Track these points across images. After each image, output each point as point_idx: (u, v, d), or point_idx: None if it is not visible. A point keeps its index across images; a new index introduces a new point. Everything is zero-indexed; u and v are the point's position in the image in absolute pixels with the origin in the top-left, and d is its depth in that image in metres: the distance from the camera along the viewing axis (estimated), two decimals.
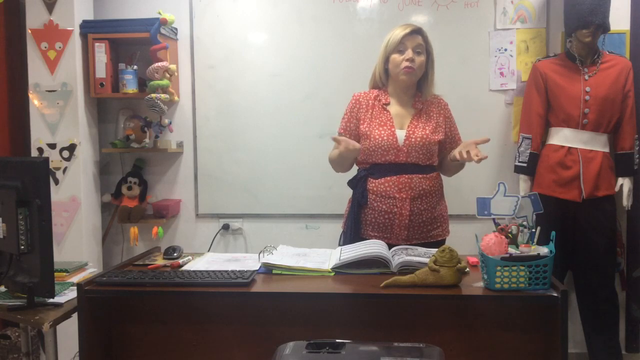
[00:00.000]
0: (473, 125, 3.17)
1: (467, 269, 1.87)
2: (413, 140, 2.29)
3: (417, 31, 2.33)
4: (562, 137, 2.87)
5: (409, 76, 2.32)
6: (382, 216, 2.31)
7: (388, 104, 2.38)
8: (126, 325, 1.92)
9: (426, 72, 2.38)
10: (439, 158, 2.40)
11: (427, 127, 2.33)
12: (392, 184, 2.28)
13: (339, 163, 2.40)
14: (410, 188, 2.28)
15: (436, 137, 2.34)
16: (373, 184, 2.32)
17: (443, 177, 2.47)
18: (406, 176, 2.28)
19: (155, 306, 1.91)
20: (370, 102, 2.39)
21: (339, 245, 2.39)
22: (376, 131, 2.32)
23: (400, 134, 2.31)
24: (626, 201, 2.92)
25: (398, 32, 2.32)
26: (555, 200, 2.81)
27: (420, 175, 2.30)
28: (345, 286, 1.79)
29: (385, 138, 2.30)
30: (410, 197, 2.28)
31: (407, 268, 1.86)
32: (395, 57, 2.32)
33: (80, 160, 3.06)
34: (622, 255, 3.13)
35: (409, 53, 2.30)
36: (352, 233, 2.34)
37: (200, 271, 1.86)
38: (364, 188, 2.34)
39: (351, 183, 2.42)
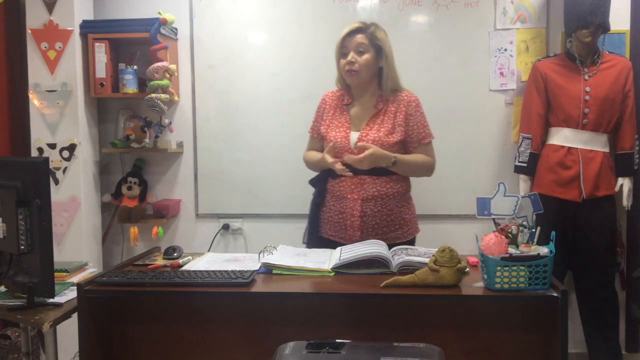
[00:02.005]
0: (473, 125, 3.18)
1: (467, 269, 1.87)
2: (365, 142, 2.24)
3: (357, 30, 2.29)
4: (562, 137, 2.87)
5: (353, 79, 2.30)
6: (336, 216, 2.33)
7: (349, 104, 2.37)
8: (126, 325, 1.92)
9: (382, 68, 2.31)
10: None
11: (382, 129, 2.28)
12: (345, 184, 2.28)
13: (316, 168, 2.44)
14: (362, 189, 2.26)
15: (391, 139, 2.27)
16: (331, 184, 2.34)
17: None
18: (357, 178, 2.26)
19: (155, 306, 1.91)
20: (334, 102, 2.39)
21: (303, 242, 2.43)
22: (332, 133, 2.33)
23: (354, 136, 2.29)
24: (626, 201, 2.92)
25: (340, 36, 2.31)
26: (555, 200, 2.81)
27: (374, 177, 2.26)
28: (345, 286, 1.79)
29: (338, 140, 2.30)
30: (362, 199, 2.26)
31: (407, 268, 1.86)
32: (341, 61, 2.31)
33: (80, 160, 3.05)
34: (622, 255, 3.13)
35: (349, 56, 2.27)
36: (312, 232, 2.37)
37: (200, 271, 1.86)
38: (322, 187, 2.36)
39: (312, 181, 2.44)
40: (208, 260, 2.11)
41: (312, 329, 1.80)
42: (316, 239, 2.36)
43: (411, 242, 2.38)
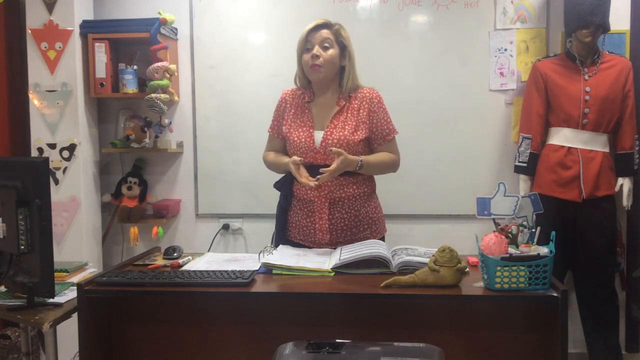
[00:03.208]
0: (473, 125, 3.18)
1: (467, 269, 1.87)
2: (330, 142, 2.19)
3: (323, 25, 2.24)
4: (562, 137, 2.87)
5: (317, 74, 2.22)
6: (304, 220, 2.27)
7: (310, 101, 2.30)
8: (126, 325, 1.92)
9: (345, 67, 2.25)
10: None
11: (346, 127, 2.21)
12: (312, 188, 2.19)
13: (279, 170, 2.37)
14: (328, 192, 2.20)
15: (356, 137, 2.20)
16: (296, 187, 2.28)
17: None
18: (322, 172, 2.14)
19: (155, 306, 1.91)
20: (295, 100, 2.32)
21: (270, 244, 2.32)
22: (295, 132, 2.25)
23: (318, 136, 2.22)
24: (626, 201, 2.92)
25: (304, 30, 2.24)
26: (555, 200, 2.81)
27: (340, 179, 2.20)
28: (345, 286, 1.78)
29: (303, 140, 2.22)
30: (329, 201, 2.21)
31: (407, 268, 1.86)
32: (304, 56, 2.24)
33: (80, 160, 3.05)
34: (622, 255, 3.13)
35: (314, 49, 2.20)
36: (279, 235, 2.31)
37: (200, 271, 1.86)
38: (289, 191, 2.30)
39: (277, 185, 2.38)
40: (208, 260, 2.11)
41: (312, 329, 1.80)
42: (284, 243, 2.29)
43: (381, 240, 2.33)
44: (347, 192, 2.22)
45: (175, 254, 2.15)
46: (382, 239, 2.34)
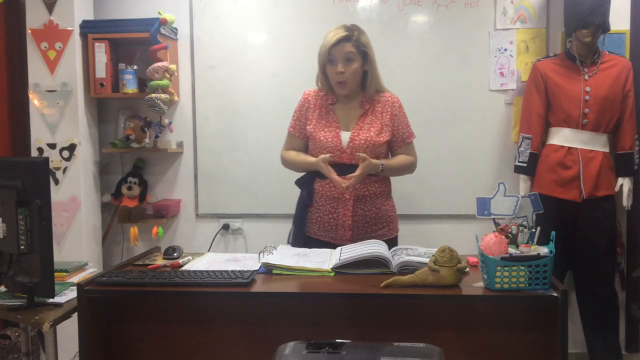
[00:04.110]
0: (473, 125, 3.18)
1: (467, 269, 1.87)
2: (357, 142, 2.29)
3: (345, 38, 2.28)
4: (562, 137, 2.87)
5: (343, 90, 2.32)
6: (326, 216, 2.35)
7: (335, 103, 2.38)
8: (126, 325, 1.92)
9: (367, 72, 2.33)
10: (389, 157, 2.40)
11: (372, 129, 2.31)
12: (341, 186, 2.26)
13: (300, 169, 2.44)
14: (353, 189, 2.28)
15: (381, 139, 2.31)
16: (319, 185, 2.35)
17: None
18: (348, 179, 2.24)
19: (155, 306, 1.91)
20: (318, 101, 2.39)
21: (287, 242, 2.41)
22: (321, 132, 2.33)
23: (345, 136, 2.31)
24: (626, 201, 2.92)
25: (326, 42, 2.29)
26: (555, 200, 2.81)
27: (365, 177, 2.27)
28: (345, 286, 1.79)
29: (329, 140, 2.31)
30: (354, 198, 2.30)
31: (407, 268, 1.86)
32: (329, 68, 2.32)
33: (80, 160, 3.05)
34: (622, 255, 3.13)
35: (338, 66, 2.27)
36: (299, 232, 2.38)
37: (200, 271, 1.86)
38: (310, 188, 2.36)
39: (298, 182, 2.44)
40: (208, 260, 2.11)
41: (312, 329, 1.80)
42: (303, 239, 2.37)
43: (394, 240, 2.42)
44: (370, 189, 2.32)
45: (175, 254, 2.15)
46: (396, 238, 2.44)
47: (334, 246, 2.22)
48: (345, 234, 2.32)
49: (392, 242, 2.35)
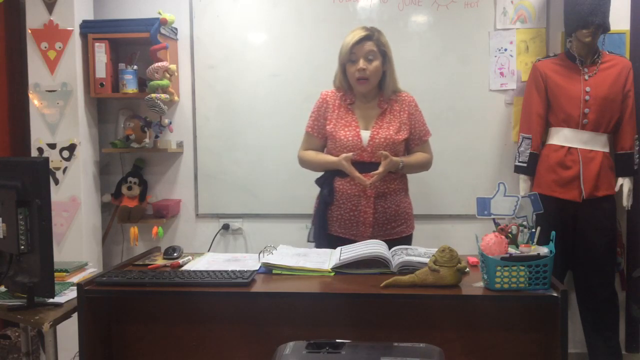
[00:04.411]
0: (473, 125, 3.18)
1: (467, 269, 1.87)
2: (377, 140, 2.35)
3: (366, 37, 2.33)
4: (562, 137, 2.87)
5: (364, 87, 2.37)
6: (347, 214, 2.39)
7: (353, 103, 2.43)
8: (126, 325, 1.92)
9: (385, 72, 2.39)
10: (406, 155, 2.46)
11: (391, 127, 2.38)
12: (356, 184, 2.34)
13: (319, 168, 2.48)
14: (374, 187, 2.34)
15: (400, 137, 2.38)
16: (339, 183, 2.39)
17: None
18: (368, 177, 2.31)
19: (155, 306, 1.91)
20: (337, 101, 2.44)
21: (308, 240, 2.51)
22: (341, 132, 2.38)
23: (365, 135, 2.36)
24: (626, 201, 2.92)
25: (348, 41, 2.35)
26: (555, 200, 2.81)
27: (385, 174, 2.34)
28: (345, 286, 1.79)
29: (350, 139, 2.36)
30: (375, 196, 2.35)
31: (407, 268, 1.86)
32: (349, 67, 2.36)
33: (80, 160, 3.05)
34: (622, 255, 3.13)
35: (360, 63, 2.32)
36: (320, 230, 2.42)
37: (200, 271, 1.86)
38: (330, 187, 2.40)
39: (319, 181, 2.49)
40: (208, 260, 2.11)
41: (312, 329, 1.80)
42: (324, 237, 2.41)
43: (409, 237, 2.50)
44: (390, 187, 2.39)
45: (175, 254, 2.15)
46: (411, 235, 2.50)
47: (354, 243, 2.23)
48: (366, 231, 2.37)
49: (407, 240, 2.46)
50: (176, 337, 1.90)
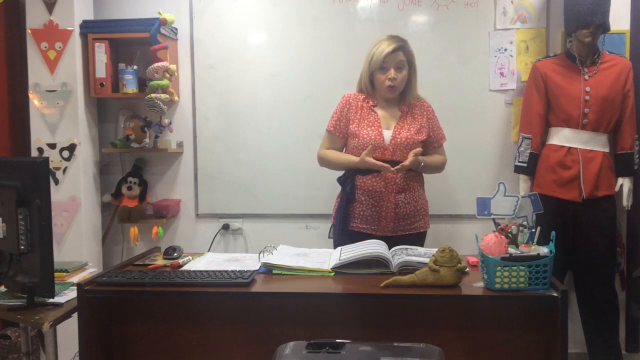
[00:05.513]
0: (473, 125, 3.18)
1: (467, 269, 1.87)
2: (399, 140, 2.47)
3: (399, 48, 2.47)
4: (562, 137, 2.87)
5: (392, 94, 2.51)
6: (369, 210, 2.49)
7: (375, 105, 2.55)
8: (126, 325, 1.92)
9: (409, 79, 2.52)
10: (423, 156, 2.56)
11: (411, 128, 2.50)
12: (379, 179, 2.45)
13: (341, 167, 2.58)
14: (395, 183, 2.45)
15: (420, 137, 2.51)
16: (361, 181, 2.49)
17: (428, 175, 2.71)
18: (389, 173, 2.43)
19: (155, 306, 1.91)
20: (359, 103, 2.55)
21: (329, 237, 2.61)
22: (364, 131, 2.49)
23: (387, 134, 2.48)
24: (626, 201, 2.92)
25: (381, 50, 2.45)
26: (555, 200, 2.81)
27: (405, 172, 2.46)
28: (345, 286, 1.79)
29: (373, 137, 2.47)
30: (395, 192, 2.46)
31: (407, 268, 1.86)
32: (379, 76, 2.48)
33: (80, 160, 3.05)
34: (622, 255, 3.12)
35: (391, 73, 2.46)
36: (342, 226, 2.51)
37: (200, 271, 1.86)
38: (352, 185, 2.50)
39: (340, 180, 2.59)
40: (208, 260, 2.11)
41: (312, 329, 1.80)
42: (346, 232, 2.50)
43: (424, 234, 2.61)
44: (409, 183, 2.50)
45: (175, 254, 2.15)
46: (426, 233, 2.60)
47: (376, 238, 2.29)
48: (387, 226, 2.47)
49: (422, 237, 2.59)
50: (176, 337, 1.90)
